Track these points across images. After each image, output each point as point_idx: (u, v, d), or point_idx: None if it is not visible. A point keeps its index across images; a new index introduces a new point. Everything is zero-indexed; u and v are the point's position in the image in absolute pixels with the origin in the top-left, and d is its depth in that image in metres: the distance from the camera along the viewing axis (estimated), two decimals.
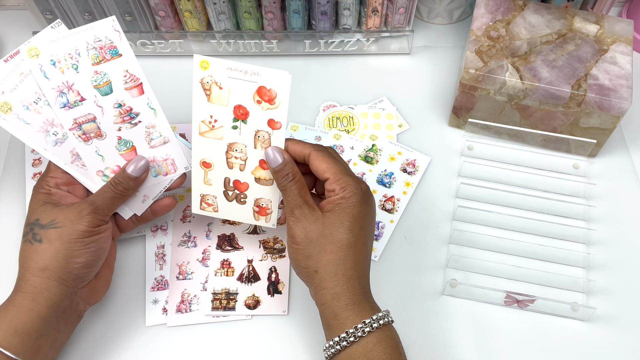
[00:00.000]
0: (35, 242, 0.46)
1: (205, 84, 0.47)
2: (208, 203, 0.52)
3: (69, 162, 0.50)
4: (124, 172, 0.49)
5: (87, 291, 0.48)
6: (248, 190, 0.51)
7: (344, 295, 0.44)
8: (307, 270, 0.45)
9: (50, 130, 0.50)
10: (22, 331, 0.43)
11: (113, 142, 0.51)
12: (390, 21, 0.71)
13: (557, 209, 0.61)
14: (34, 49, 0.49)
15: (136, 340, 0.53)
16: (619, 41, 0.61)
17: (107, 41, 0.50)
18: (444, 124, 0.67)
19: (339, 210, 0.45)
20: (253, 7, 0.68)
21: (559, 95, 0.58)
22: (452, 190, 0.62)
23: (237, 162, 0.50)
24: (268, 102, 0.47)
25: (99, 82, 0.50)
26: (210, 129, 0.49)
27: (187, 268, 0.56)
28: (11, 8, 0.77)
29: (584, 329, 0.54)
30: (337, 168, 0.46)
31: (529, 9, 0.64)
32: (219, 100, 0.48)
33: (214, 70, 0.47)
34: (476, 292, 0.55)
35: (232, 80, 0.47)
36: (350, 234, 0.44)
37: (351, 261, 0.44)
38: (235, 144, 0.49)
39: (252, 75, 0.47)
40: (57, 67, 0.49)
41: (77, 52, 0.50)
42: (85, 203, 0.47)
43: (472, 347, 0.53)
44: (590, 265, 0.57)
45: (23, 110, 0.49)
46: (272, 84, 0.47)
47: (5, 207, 0.60)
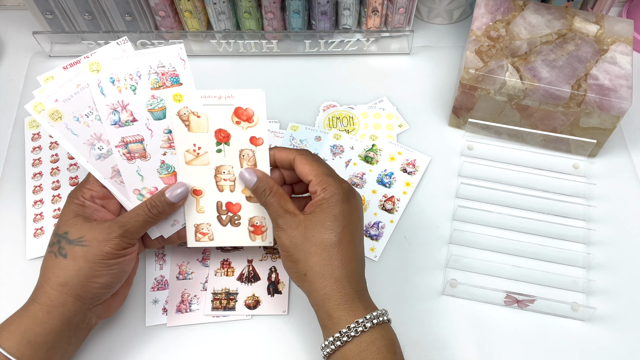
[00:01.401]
0: (60, 256, 0.46)
1: (182, 116, 0.48)
2: (203, 232, 0.52)
3: (108, 177, 0.50)
4: (163, 195, 0.49)
5: (101, 307, 0.48)
6: (241, 211, 0.51)
7: (334, 295, 0.44)
8: (297, 275, 0.46)
9: (96, 145, 0.50)
10: (35, 342, 0.43)
11: (156, 164, 0.51)
12: (390, 21, 0.71)
13: (557, 209, 0.61)
14: (95, 63, 0.49)
15: (136, 340, 0.52)
16: (619, 41, 0.61)
17: (171, 68, 0.50)
18: (444, 124, 0.67)
19: (320, 211, 0.45)
20: (253, 7, 0.68)
21: (559, 95, 0.58)
22: (452, 190, 0.62)
23: (226, 184, 0.50)
24: (247, 121, 0.49)
25: (154, 106, 0.50)
26: (195, 156, 0.49)
27: (187, 268, 0.56)
28: (11, 8, 0.77)
29: (584, 329, 0.54)
30: (319, 170, 0.47)
31: (529, 9, 0.64)
32: (198, 128, 0.49)
33: (188, 102, 0.48)
34: (476, 292, 0.55)
35: (208, 107, 0.48)
36: (333, 233, 0.45)
37: (337, 261, 0.44)
38: (222, 166, 0.50)
39: (226, 98, 0.48)
40: (115, 86, 0.49)
41: (139, 74, 0.50)
42: (116, 225, 0.47)
43: (472, 347, 0.53)
44: (590, 265, 0.57)
45: (73, 121, 0.49)
46: (248, 104, 0.48)
47: (6, 207, 0.60)
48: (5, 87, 0.70)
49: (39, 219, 0.59)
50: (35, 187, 0.61)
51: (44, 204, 0.60)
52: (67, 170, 0.62)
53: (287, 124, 0.66)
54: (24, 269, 0.56)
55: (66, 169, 0.62)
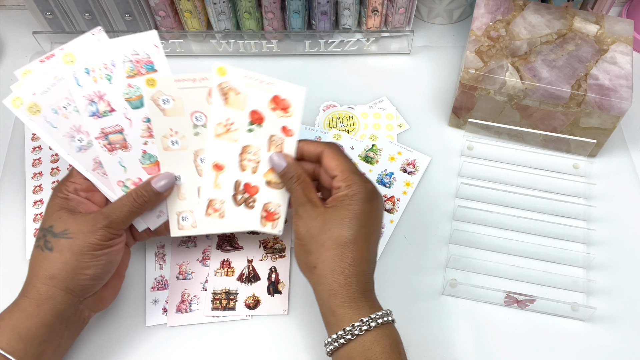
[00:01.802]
0: (47, 249, 0.46)
1: (223, 89, 0.48)
2: (215, 209, 0.51)
3: (90, 169, 0.50)
4: (148, 185, 0.49)
5: (93, 300, 0.48)
6: (258, 194, 0.51)
7: (341, 292, 0.44)
8: (307, 266, 0.46)
9: (76, 137, 0.50)
10: (26, 336, 0.43)
11: (138, 154, 0.51)
12: (390, 21, 0.71)
13: (557, 209, 0.61)
14: (69, 54, 0.49)
15: (136, 340, 0.53)
16: (619, 41, 0.61)
17: (145, 55, 0.50)
18: (444, 124, 0.67)
19: (341, 207, 0.45)
20: (253, 7, 0.68)
21: (559, 95, 0.58)
22: (452, 190, 0.62)
23: (250, 165, 0.50)
24: (282, 110, 0.49)
25: (131, 95, 0.50)
26: (225, 131, 0.49)
27: (187, 268, 0.56)
28: (11, 8, 0.77)
29: (584, 329, 0.54)
30: (345, 166, 0.47)
31: (529, 9, 0.64)
32: (236, 104, 0.49)
33: (230, 77, 0.48)
34: (476, 292, 0.55)
35: (248, 87, 0.49)
36: (350, 231, 0.44)
37: (349, 259, 0.44)
38: (250, 146, 0.50)
39: (267, 84, 0.49)
40: (90, 76, 0.49)
41: (113, 63, 0.50)
42: (101, 216, 0.47)
43: (472, 347, 0.53)
44: (590, 265, 0.57)
45: (51, 114, 0.49)
46: (287, 95, 0.49)
47: (5, 207, 0.60)
48: (5, 87, 0.70)
49: (39, 219, 0.59)
50: (35, 187, 0.61)
51: (44, 204, 0.60)
52: (67, 170, 0.62)
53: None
54: (24, 269, 0.56)
55: (66, 169, 0.62)
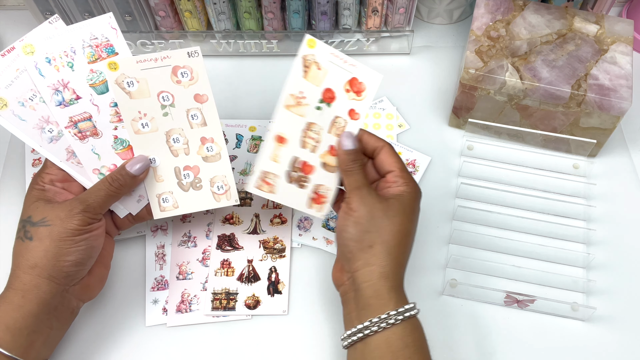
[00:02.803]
0: (26, 239, 0.46)
1: (306, 61, 0.49)
2: (267, 182, 0.49)
3: (64, 160, 0.50)
4: (123, 169, 0.49)
5: (79, 288, 0.48)
6: (312, 174, 0.51)
7: (392, 276, 0.45)
8: (361, 244, 0.46)
9: (46, 127, 0.49)
10: (14, 328, 0.43)
11: (109, 140, 0.51)
12: (390, 21, 0.71)
13: (557, 209, 0.61)
14: (29, 45, 0.49)
15: (136, 340, 0.53)
16: (619, 41, 0.61)
17: (104, 39, 0.50)
18: (444, 124, 0.67)
19: (403, 200, 0.47)
20: (253, 7, 0.68)
21: (559, 95, 0.58)
22: (452, 190, 0.62)
23: (311, 143, 0.50)
24: (356, 93, 0.50)
25: (95, 80, 0.50)
26: (296, 104, 0.49)
27: (187, 268, 0.56)
28: (11, 8, 0.77)
29: (584, 329, 0.54)
30: (402, 165, 0.49)
31: (529, 9, 0.64)
32: (314, 79, 0.49)
33: (318, 51, 0.49)
34: (476, 292, 0.55)
35: (331, 64, 0.49)
36: (411, 224, 0.47)
37: (405, 247, 0.47)
38: (314, 124, 0.50)
39: (350, 65, 0.50)
40: (52, 65, 0.49)
41: (73, 50, 0.49)
42: (77, 201, 0.47)
43: (472, 347, 0.53)
44: (590, 265, 0.57)
45: (18, 107, 0.49)
46: (364, 79, 0.50)
47: (5, 207, 0.60)
48: None
49: None
50: None
51: None
52: None
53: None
54: None
55: None
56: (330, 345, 0.52)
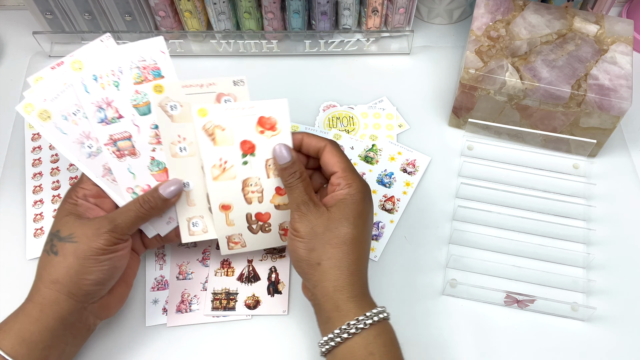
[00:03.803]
0: (52, 253, 0.46)
1: (208, 130, 0.48)
2: (235, 242, 0.52)
3: (100, 176, 0.50)
4: (156, 191, 0.49)
5: (98, 307, 0.48)
6: (271, 219, 0.51)
7: (347, 288, 0.44)
8: (309, 263, 0.45)
9: (86, 143, 0.50)
10: (30, 341, 0.43)
11: (146, 161, 0.51)
12: (390, 21, 0.71)
13: (557, 209, 0.61)
14: (77, 62, 0.49)
15: (136, 340, 0.52)
16: (619, 41, 0.61)
17: (152, 61, 0.50)
18: (444, 124, 0.67)
19: (344, 205, 0.46)
20: (253, 7, 0.68)
21: (559, 95, 0.58)
22: (452, 190, 0.62)
23: (254, 196, 0.50)
24: (271, 130, 0.49)
25: (139, 101, 0.50)
26: (222, 171, 0.49)
27: (187, 268, 0.56)
28: (11, 8, 0.77)
29: (584, 329, 0.54)
30: (346, 164, 0.48)
31: (529, 9, 0.64)
32: (224, 141, 0.49)
33: (213, 115, 0.48)
34: (476, 292, 0.55)
35: (231, 119, 0.48)
36: (356, 229, 0.45)
37: (354, 255, 0.45)
38: (249, 178, 0.50)
39: (249, 109, 0.48)
40: (98, 83, 0.50)
41: (120, 69, 0.50)
42: (105, 220, 0.47)
43: (472, 347, 0.53)
44: (590, 265, 0.57)
45: (61, 120, 0.49)
46: (271, 112, 0.49)
47: (5, 207, 0.60)
48: (5, 87, 0.70)
49: (39, 219, 0.59)
50: (35, 187, 0.61)
51: (44, 204, 0.60)
52: (67, 170, 0.62)
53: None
54: (24, 269, 0.56)
55: (66, 169, 0.62)
56: None
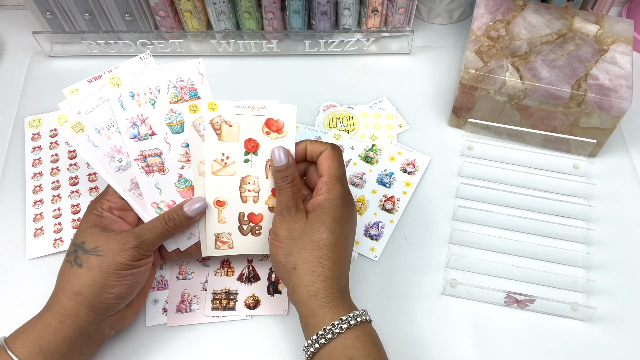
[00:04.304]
0: (76, 265, 0.46)
1: (215, 124, 0.49)
2: (223, 241, 0.52)
3: (126, 189, 0.50)
4: (180, 209, 0.49)
5: (115, 319, 0.48)
6: (262, 221, 0.51)
7: (321, 293, 0.44)
8: (286, 268, 0.46)
9: (116, 157, 0.50)
10: (47, 351, 0.43)
11: (174, 178, 0.51)
12: (390, 21, 0.71)
13: (557, 209, 0.61)
14: (116, 78, 0.50)
15: (136, 340, 0.52)
16: (619, 41, 0.61)
17: (189, 82, 0.51)
18: (444, 124, 0.67)
19: (321, 211, 0.46)
20: (253, 7, 0.68)
21: (559, 95, 0.58)
22: (452, 190, 0.62)
23: (250, 195, 0.50)
24: (276, 132, 0.50)
25: (173, 120, 0.51)
26: (222, 166, 0.49)
27: (187, 268, 0.56)
28: (11, 8, 0.77)
29: (584, 329, 0.54)
30: (334, 171, 0.48)
31: (529, 9, 0.64)
32: (229, 137, 0.49)
33: (222, 110, 0.49)
34: (476, 292, 0.55)
35: (240, 117, 0.49)
36: (331, 234, 0.46)
37: (329, 260, 0.45)
38: (248, 177, 0.50)
39: (259, 109, 0.49)
40: (135, 100, 0.50)
41: (158, 88, 0.51)
42: (132, 235, 0.47)
43: (472, 347, 0.53)
44: (590, 265, 0.57)
45: (94, 133, 0.50)
46: (279, 116, 0.49)
47: (5, 207, 0.60)
48: (5, 87, 0.70)
49: (39, 219, 0.59)
50: (35, 187, 0.61)
51: (44, 204, 0.60)
52: (67, 170, 0.62)
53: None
54: (24, 269, 0.56)
55: (66, 169, 0.62)
56: None
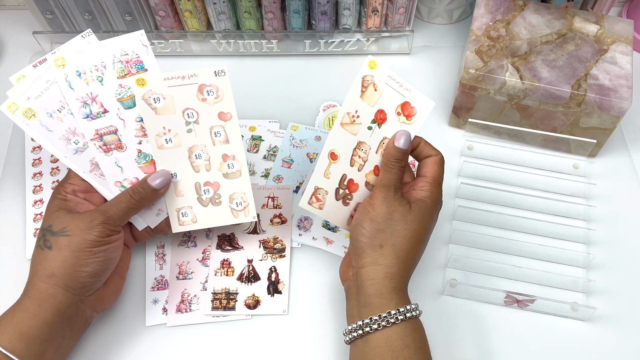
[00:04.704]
0: (46, 248, 0.46)
1: (365, 81, 0.49)
2: (318, 198, 0.50)
3: (87, 171, 0.50)
4: (145, 182, 0.49)
5: (94, 299, 0.48)
6: (356, 192, 0.51)
7: (396, 277, 0.45)
8: (372, 242, 0.46)
9: (72, 139, 0.50)
10: (27, 336, 0.43)
11: (133, 154, 0.51)
12: (390, 21, 0.71)
13: (557, 209, 0.61)
14: (60, 58, 0.49)
15: (136, 340, 0.53)
16: (619, 41, 0.61)
17: (134, 55, 0.51)
18: (444, 124, 0.67)
19: (423, 206, 0.47)
20: (253, 7, 0.68)
21: (559, 95, 0.58)
22: (452, 190, 0.62)
23: (358, 162, 0.50)
24: (406, 117, 0.50)
25: (123, 95, 0.51)
26: (351, 122, 0.49)
27: (187, 268, 0.56)
28: (11, 8, 0.77)
29: (584, 329, 0.54)
30: (439, 176, 0.49)
31: (529, 9, 0.64)
32: (369, 99, 0.49)
33: (377, 72, 0.49)
34: (476, 292, 0.55)
35: (387, 86, 0.49)
36: (425, 231, 0.47)
37: (413, 253, 0.47)
38: (364, 143, 0.50)
39: (404, 89, 0.50)
40: (82, 78, 0.50)
41: (103, 64, 0.50)
42: (97, 212, 0.47)
43: (472, 347, 0.53)
44: (590, 265, 0.57)
45: (46, 118, 0.49)
46: (416, 104, 0.50)
47: (5, 207, 0.60)
48: (5, 87, 0.70)
49: (39, 219, 0.59)
50: (35, 187, 0.61)
51: (44, 204, 0.60)
52: (67, 170, 0.62)
53: (287, 123, 0.66)
54: (24, 268, 0.56)
55: (66, 168, 0.62)
56: (330, 345, 0.52)
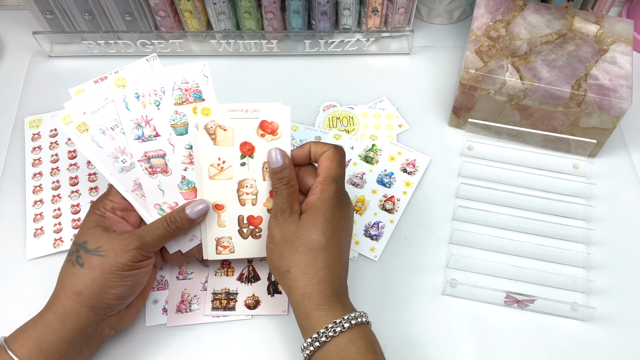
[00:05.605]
0: (77, 265, 0.46)
1: (209, 129, 0.49)
2: (224, 246, 0.52)
3: (129, 190, 0.51)
4: (183, 211, 0.49)
5: (115, 319, 0.48)
6: (262, 224, 0.51)
7: (314, 295, 0.44)
8: (280, 270, 0.46)
9: (120, 157, 0.51)
10: (47, 350, 0.43)
11: (177, 180, 0.51)
12: (390, 21, 0.71)
13: (557, 209, 0.61)
14: (122, 79, 0.50)
15: (136, 340, 0.52)
16: (619, 41, 0.61)
17: (194, 84, 0.51)
18: (444, 124, 0.67)
19: (313, 211, 0.46)
20: (253, 7, 0.68)
21: (559, 95, 0.58)
22: (452, 190, 0.62)
23: (249, 198, 0.51)
24: (271, 134, 0.49)
25: (177, 122, 0.51)
26: (219, 171, 0.50)
27: (187, 268, 0.56)
28: (11, 8, 0.77)
29: (584, 329, 0.54)
30: (332, 172, 0.48)
31: (529, 9, 0.64)
32: (224, 141, 0.49)
33: (216, 115, 0.49)
34: (476, 292, 0.55)
35: (234, 120, 0.49)
36: (323, 235, 0.45)
37: (322, 262, 0.45)
38: (245, 180, 0.50)
39: (252, 112, 0.49)
40: (140, 101, 0.50)
41: (163, 90, 0.51)
42: (134, 236, 0.47)
43: (472, 347, 0.53)
44: (590, 265, 0.57)
45: (99, 134, 0.50)
46: (273, 117, 0.49)
47: (5, 207, 0.60)
48: (5, 87, 0.70)
49: (39, 219, 0.59)
50: (35, 187, 0.61)
51: (44, 204, 0.60)
52: (67, 170, 0.62)
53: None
54: (24, 269, 0.56)
55: (66, 169, 0.62)
56: None
